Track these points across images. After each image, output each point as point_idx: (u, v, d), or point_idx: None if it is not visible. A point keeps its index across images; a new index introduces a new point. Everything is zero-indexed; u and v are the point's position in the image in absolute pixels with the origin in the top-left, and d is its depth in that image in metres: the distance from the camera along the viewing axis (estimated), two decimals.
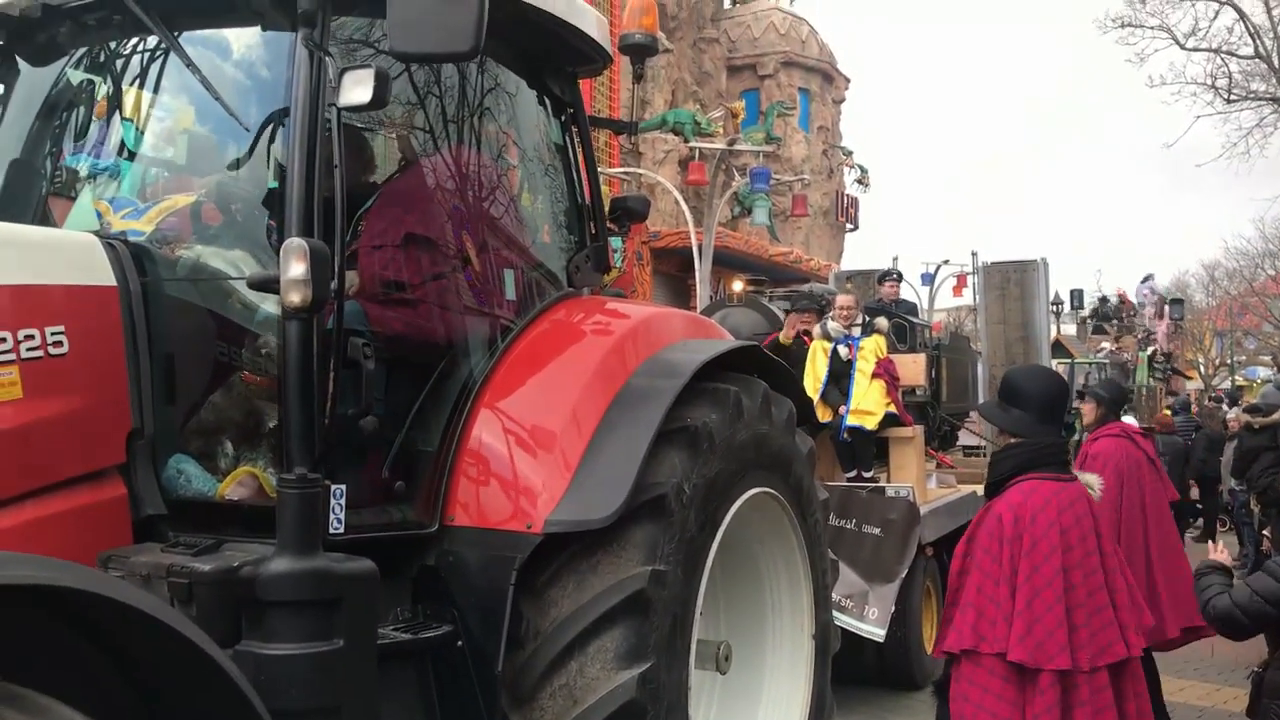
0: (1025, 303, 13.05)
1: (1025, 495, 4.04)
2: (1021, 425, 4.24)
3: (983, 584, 4.00)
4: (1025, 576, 3.91)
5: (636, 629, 3.49)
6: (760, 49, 31.87)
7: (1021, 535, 3.96)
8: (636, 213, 4.89)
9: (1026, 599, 3.88)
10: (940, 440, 10.96)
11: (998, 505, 4.11)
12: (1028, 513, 3.99)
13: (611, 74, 19.10)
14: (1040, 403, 4.27)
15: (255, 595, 2.99)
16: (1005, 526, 3.99)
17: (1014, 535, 3.97)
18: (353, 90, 3.09)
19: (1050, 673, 3.81)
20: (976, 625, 3.97)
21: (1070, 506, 4.03)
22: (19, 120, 4.00)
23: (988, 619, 3.95)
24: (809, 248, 30.84)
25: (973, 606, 4.00)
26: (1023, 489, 4.07)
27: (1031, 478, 4.09)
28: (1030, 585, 3.89)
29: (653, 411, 3.75)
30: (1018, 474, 4.14)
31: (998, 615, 3.92)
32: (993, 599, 3.96)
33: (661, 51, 24.23)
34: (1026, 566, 3.92)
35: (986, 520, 4.11)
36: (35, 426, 3.05)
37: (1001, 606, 3.93)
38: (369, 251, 3.72)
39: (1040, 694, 3.81)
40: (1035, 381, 4.43)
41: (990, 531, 4.05)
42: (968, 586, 4.07)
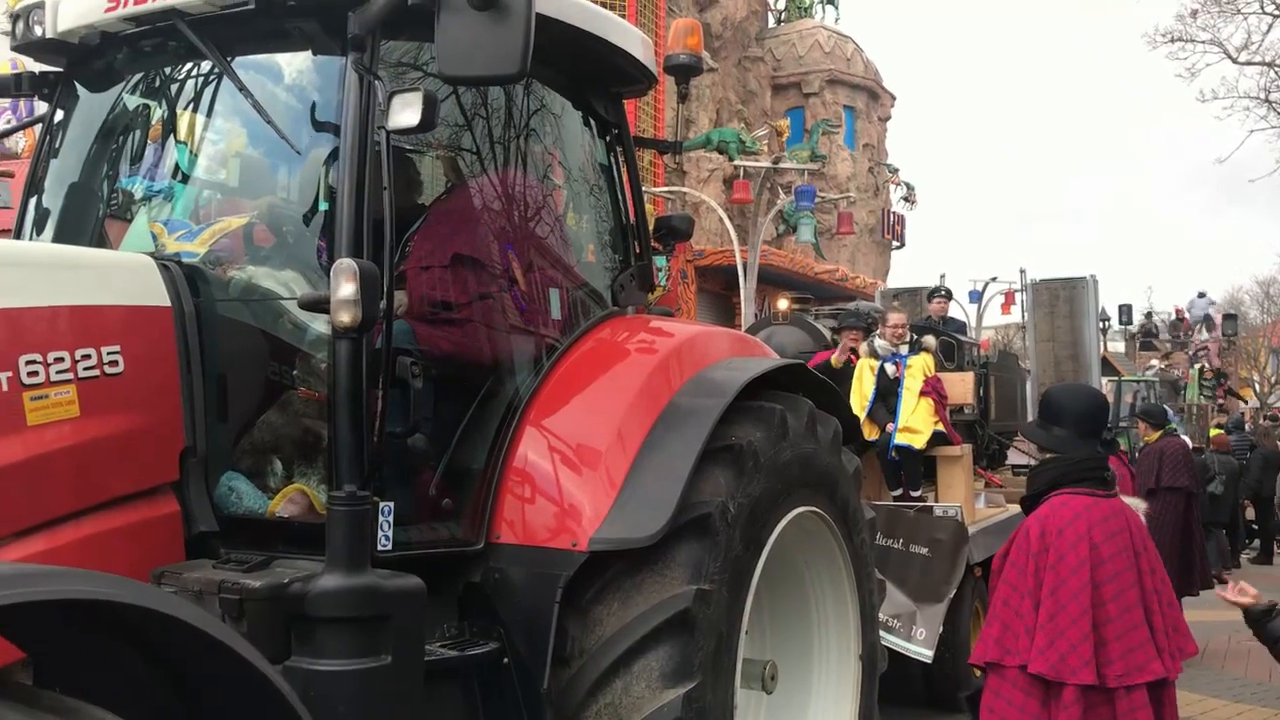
0: (1074, 320, 12.93)
1: (1055, 509, 4.02)
2: (1061, 443, 4.22)
3: (1008, 597, 3.98)
4: (1050, 589, 3.88)
5: (682, 648, 3.49)
6: (805, 67, 31.84)
7: (1048, 549, 3.93)
8: (681, 231, 4.90)
9: (1050, 612, 3.85)
10: (989, 459, 10.84)
11: (1028, 519, 4.09)
12: (1055, 526, 3.96)
13: (656, 94, 19.18)
14: (1078, 420, 4.24)
15: (305, 611, 3.03)
16: (1032, 540, 3.97)
17: (1040, 548, 3.94)
18: (401, 113, 3.13)
19: (1074, 688, 3.76)
20: (1001, 638, 3.95)
21: (1103, 522, 3.99)
22: (78, 144, 4.10)
23: (1011, 631, 3.93)
24: (855, 265, 30.70)
25: (998, 619, 3.99)
26: (1053, 503, 4.05)
27: (1064, 492, 4.07)
28: (1055, 599, 3.86)
29: (697, 430, 3.75)
30: (1052, 489, 4.12)
31: (1021, 628, 3.90)
32: (1017, 611, 3.94)
33: (706, 70, 24.29)
34: (1052, 579, 3.89)
35: (1018, 534, 4.09)
36: (91, 444, 3.11)
37: (1025, 619, 3.90)
38: (417, 272, 3.77)
39: (1064, 709, 3.77)
40: (1075, 399, 4.40)
41: (1018, 545, 4.03)
42: (994, 599, 4.06)
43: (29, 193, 4.14)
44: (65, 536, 3.03)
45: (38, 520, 2.99)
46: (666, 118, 21.54)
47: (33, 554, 2.92)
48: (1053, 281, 13.62)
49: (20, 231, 4.14)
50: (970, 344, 11.34)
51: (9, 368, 2.95)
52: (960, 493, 8.26)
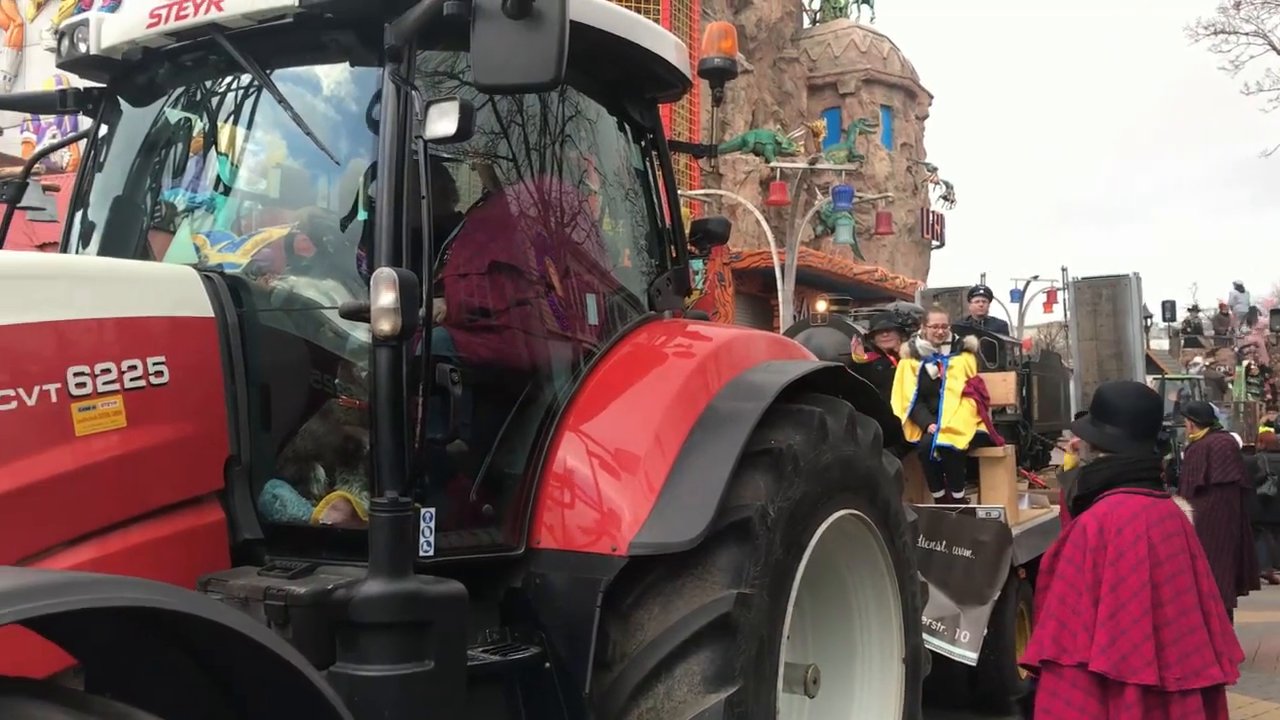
0: (1117, 319, 12.79)
1: (1112, 507, 3.97)
2: (1114, 442, 4.16)
3: (1065, 594, 3.93)
4: (1110, 587, 3.82)
5: (723, 652, 3.48)
6: (841, 67, 31.74)
7: (1106, 545, 3.88)
8: (717, 235, 4.90)
9: (1110, 610, 3.79)
10: (1032, 460, 10.75)
11: (1083, 516, 4.04)
12: (1114, 524, 3.91)
13: (691, 97, 19.19)
14: (1133, 419, 4.19)
15: (349, 617, 3.05)
16: (1090, 536, 3.92)
17: (1098, 545, 3.89)
18: (438, 123, 3.16)
19: (1136, 687, 3.71)
20: (1058, 636, 3.89)
21: (1160, 523, 3.94)
22: (121, 158, 4.16)
23: (1069, 630, 3.87)
24: (894, 265, 30.54)
25: (1054, 617, 3.93)
26: (1110, 501, 4.00)
27: (1120, 491, 4.02)
28: (1115, 596, 3.81)
29: (736, 434, 3.75)
30: (1106, 488, 4.07)
31: (1078, 626, 3.84)
32: (1074, 609, 3.88)
33: (741, 72, 24.27)
34: (1111, 577, 3.83)
35: (1072, 531, 4.04)
36: (138, 454, 3.16)
37: (1082, 616, 3.84)
38: (455, 279, 3.79)
39: (1126, 709, 3.72)
40: (1128, 397, 4.35)
41: (1074, 542, 3.98)
42: (1049, 597, 4.00)
43: (74, 206, 4.22)
44: (113, 545, 3.07)
45: (87, 529, 3.04)
46: (702, 120, 21.55)
47: (82, 562, 2.97)
48: (1095, 280, 13.48)
49: (66, 244, 4.21)
50: (1012, 344, 11.26)
51: (57, 379, 3.01)
52: (1003, 494, 8.19)
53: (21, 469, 2.90)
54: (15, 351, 2.95)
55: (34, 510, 2.91)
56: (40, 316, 3.03)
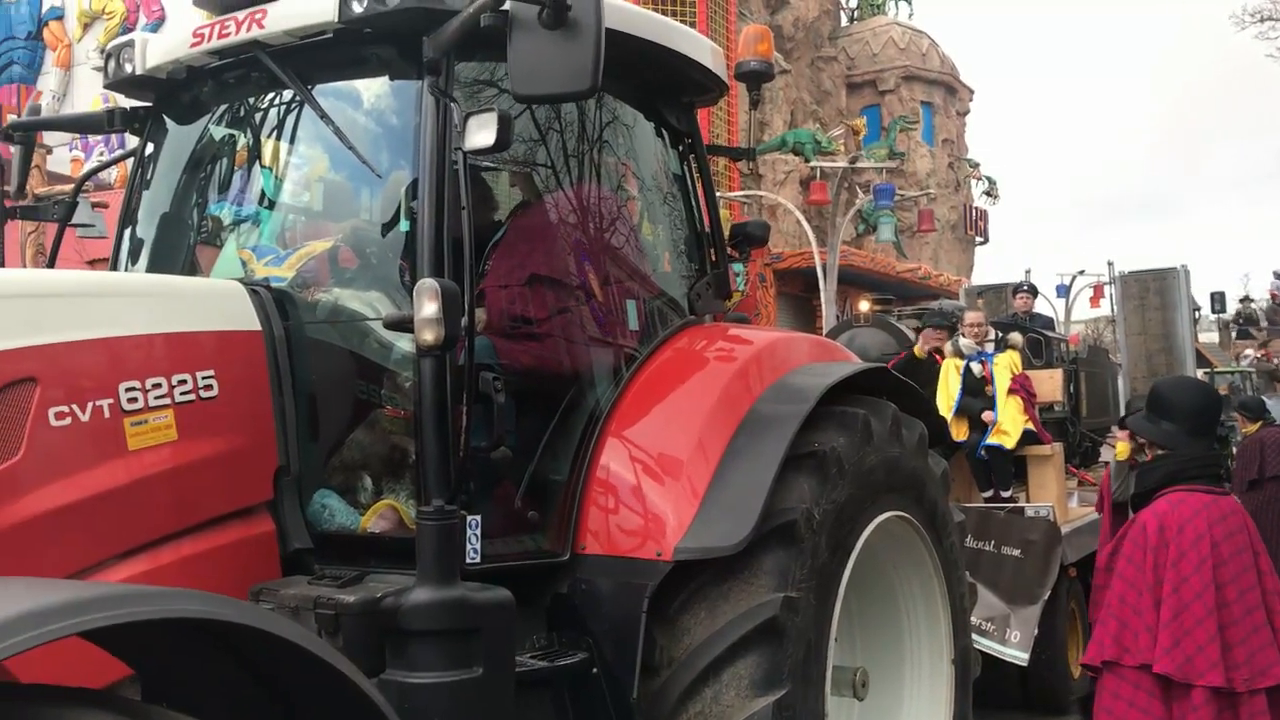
0: (1166, 312, 12.60)
1: (1173, 505, 3.90)
2: (1171, 438, 4.10)
3: (1125, 594, 3.87)
4: (1172, 587, 3.76)
5: (770, 656, 3.48)
6: (880, 64, 31.57)
7: (1168, 544, 3.81)
8: (756, 238, 4.90)
9: (1174, 611, 3.73)
10: (1081, 457, 10.63)
11: (1143, 514, 3.97)
12: (1175, 522, 3.84)
13: (729, 99, 19.19)
14: (1190, 415, 4.12)
15: (398, 625, 3.08)
16: (1150, 535, 3.86)
17: (1159, 544, 3.82)
18: (477, 134, 3.18)
19: (1204, 689, 3.65)
20: (1119, 636, 3.84)
21: (1222, 520, 3.87)
22: (168, 176, 4.23)
23: (1130, 630, 3.82)
24: (937, 263, 30.32)
25: (1115, 617, 3.88)
26: (1170, 499, 3.93)
27: (1180, 489, 3.95)
28: (1178, 597, 3.74)
29: (779, 437, 3.74)
30: (1166, 485, 4.00)
31: (1140, 626, 3.78)
32: (1136, 609, 3.82)
33: (779, 73, 24.23)
34: (1174, 577, 3.77)
35: (1131, 530, 3.98)
36: (190, 467, 3.22)
37: (1144, 617, 3.79)
38: (496, 288, 3.82)
39: (1194, 710, 3.66)
40: (1185, 393, 4.27)
41: (1134, 540, 3.92)
42: (1110, 597, 3.94)
43: (123, 224, 4.29)
44: (166, 557, 3.13)
45: (140, 541, 3.09)
46: (740, 122, 21.51)
47: (136, 574, 3.02)
48: (1142, 273, 13.30)
49: (116, 261, 4.29)
50: (1058, 340, 11.14)
51: (110, 395, 3.06)
52: (1052, 492, 8.12)
53: (76, 484, 2.96)
54: (69, 369, 3.01)
55: (89, 524, 2.97)
56: (92, 334, 3.09)
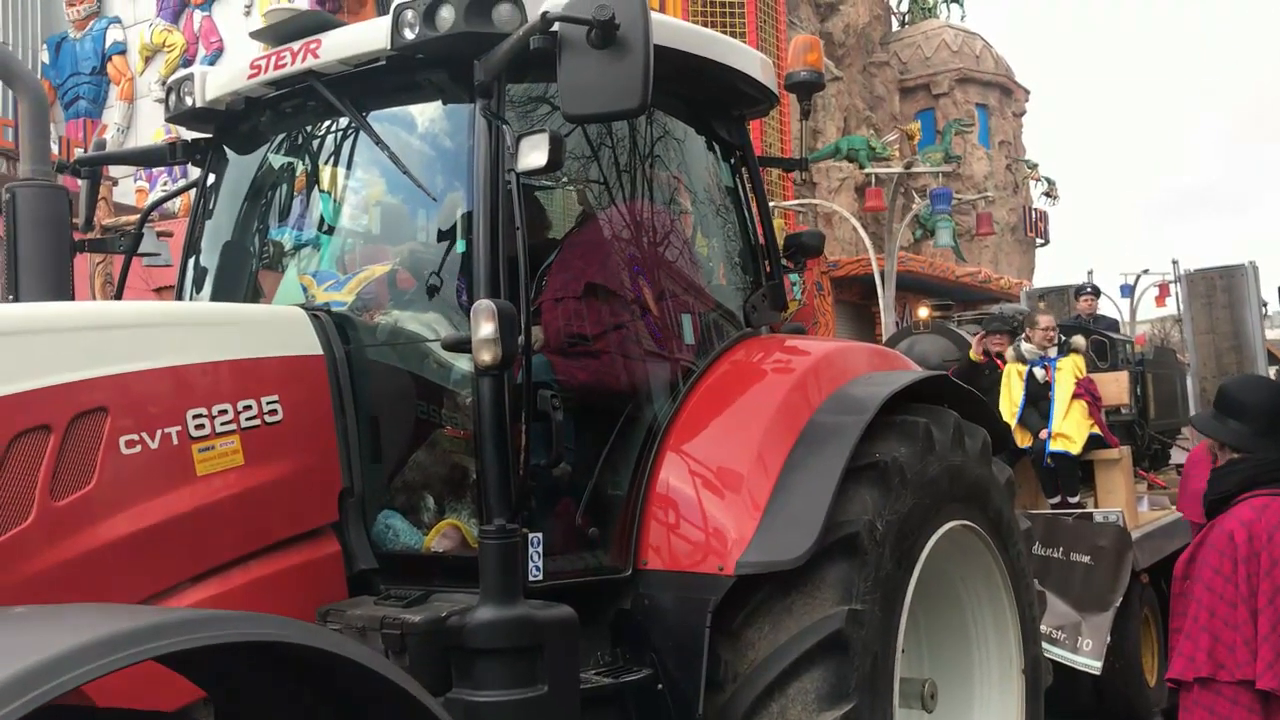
0: (1234, 310, 12.33)
1: (1258, 512, 3.78)
2: (1242, 439, 3.98)
3: (1215, 606, 3.74)
4: (1268, 599, 3.64)
5: (836, 669, 3.45)
6: (933, 68, 31.34)
7: (1259, 554, 3.69)
8: (811, 248, 4.87)
9: (1271, 623, 3.61)
10: (1150, 460, 10.44)
11: (1226, 522, 3.84)
12: (1264, 530, 3.72)
13: (781, 109, 19.16)
14: (1262, 414, 4.00)
15: (463, 644, 3.11)
16: (1239, 545, 3.73)
17: (1249, 554, 3.70)
18: (530, 155, 3.21)
19: None
20: (1213, 651, 3.71)
21: None
22: (229, 204, 4.32)
23: (1224, 644, 3.69)
24: (998, 266, 29.98)
25: (1206, 631, 3.75)
26: (1254, 505, 3.81)
27: (1262, 494, 3.84)
28: (1274, 608, 3.63)
29: (839, 448, 3.72)
30: (1244, 490, 3.89)
31: (1237, 640, 3.67)
32: (1228, 622, 3.70)
33: (831, 80, 24.14)
34: (1268, 588, 3.65)
35: (1214, 538, 3.86)
36: (256, 491, 3.27)
37: (1241, 631, 3.66)
38: (552, 306, 3.84)
39: None
40: (1255, 392, 4.15)
41: (1221, 550, 3.79)
42: (1197, 610, 3.81)
43: (187, 253, 4.39)
44: (235, 580, 3.18)
45: (209, 565, 3.15)
46: (793, 131, 21.44)
47: (206, 598, 3.08)
48: (1209, 271, 13.02)
49: (181, 289, 4.38)
50: (1123, 341, 10.96)
51: (178, 422, 3.13)
52: (1121, 497, 7.98)
53: (147, 510, 3.02)
54: (138, 397, 3.07)
55: (160, 549, 3.03)
56: (159, 363, 3.15)
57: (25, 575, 2.75)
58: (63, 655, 1.80)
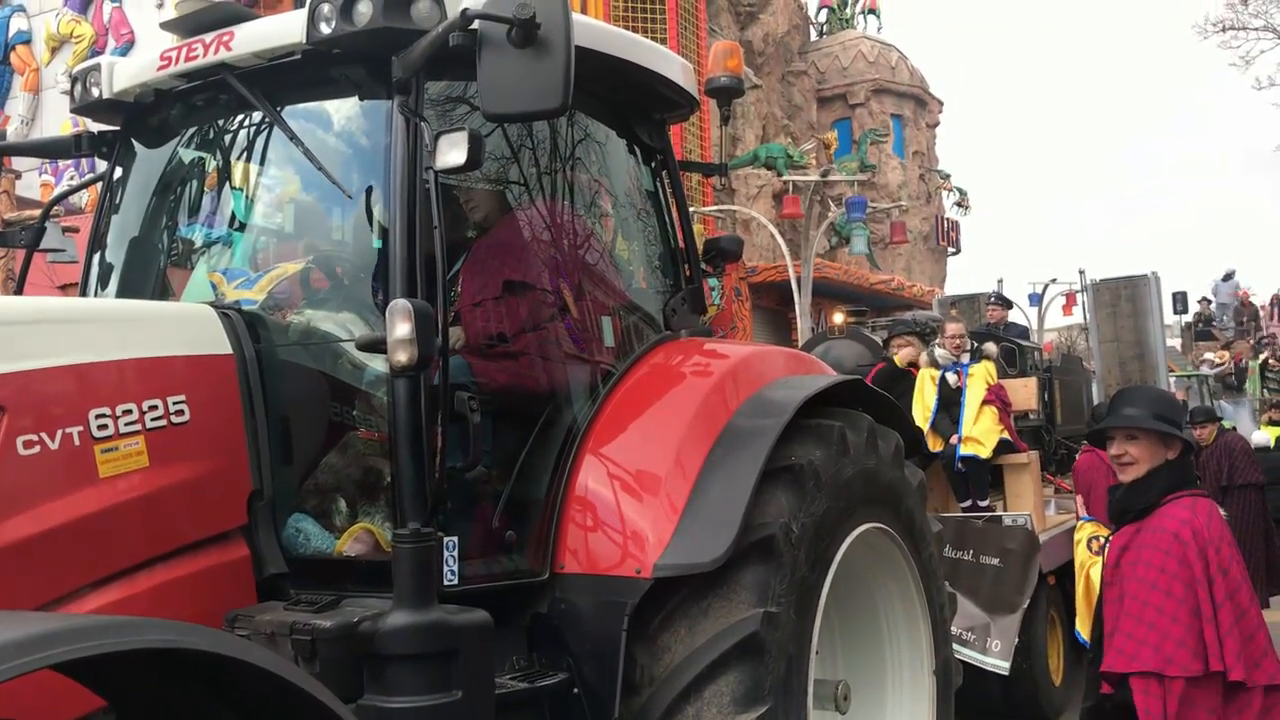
0: (1138, 319, 12.70)
1: (1195, 511, 3.97)
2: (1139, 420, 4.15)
3: (1163, 604, 3.85)
4: (1226, 593, 3.82)
5: (751, 672, 3.47)
6: (850, 78, 31.76)
7: (1205, 549, 3.87)
8: (730, 253, 4.90)
9: (1233, 617, 3.79)
10: (1057, 465, 10.69)
11: (1163, 522, 3.95)
12: (1211, 532, 3.92)
13: (701, 115, 19.26)
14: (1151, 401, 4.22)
15: (375, 649, 3.05)
16: (1187, 541, 3.88)
17: (1199, 549, 3.87)
18: (448, 153, 3.17)
19: (1261, 689, 3.76)
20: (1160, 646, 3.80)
21: (1224, 523, 4.01)
22: (137, 200, 4.20)
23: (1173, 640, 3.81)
24: (910, 274, 30.47)
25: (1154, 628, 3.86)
26: (1184, 504, 3.98)
27: (1187, 494, 4.02)
28: (1234, 603, 3.81)
29: (756, 451, 3.74)
30: (1165, 494, 4.05)
31: (1186, 635, 3.79)
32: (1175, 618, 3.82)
33: (750, 88, 24.33)
34: (1225, 584, 3.84)
35: (1153, 539, 3.97)
36: (162, 493, 3.18)
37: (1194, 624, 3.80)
38: (470, 307, 3.80)
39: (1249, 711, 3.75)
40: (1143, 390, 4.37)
41: (1166, 549, 3.91)
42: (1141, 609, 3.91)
43: (92, 248, 4.25)
44: (140, 585, 3.09)
45: (113, 570, 3.05)
46: (713, 137, 21.58)
47: (108, 603, 2.98)
48: (1113, 281, 13.38)
49: (86, 286, 4.25)
50: (1032, 348, 11.21)
51: (79, 422, 3.03)
52: (1029, 501, 8.16)
53: (47, 512, 2.92)
54: (38, 395, 2.97)
55: (60, 553, 2.93)
56: (61, 360, 3.05)
57: None
58: None
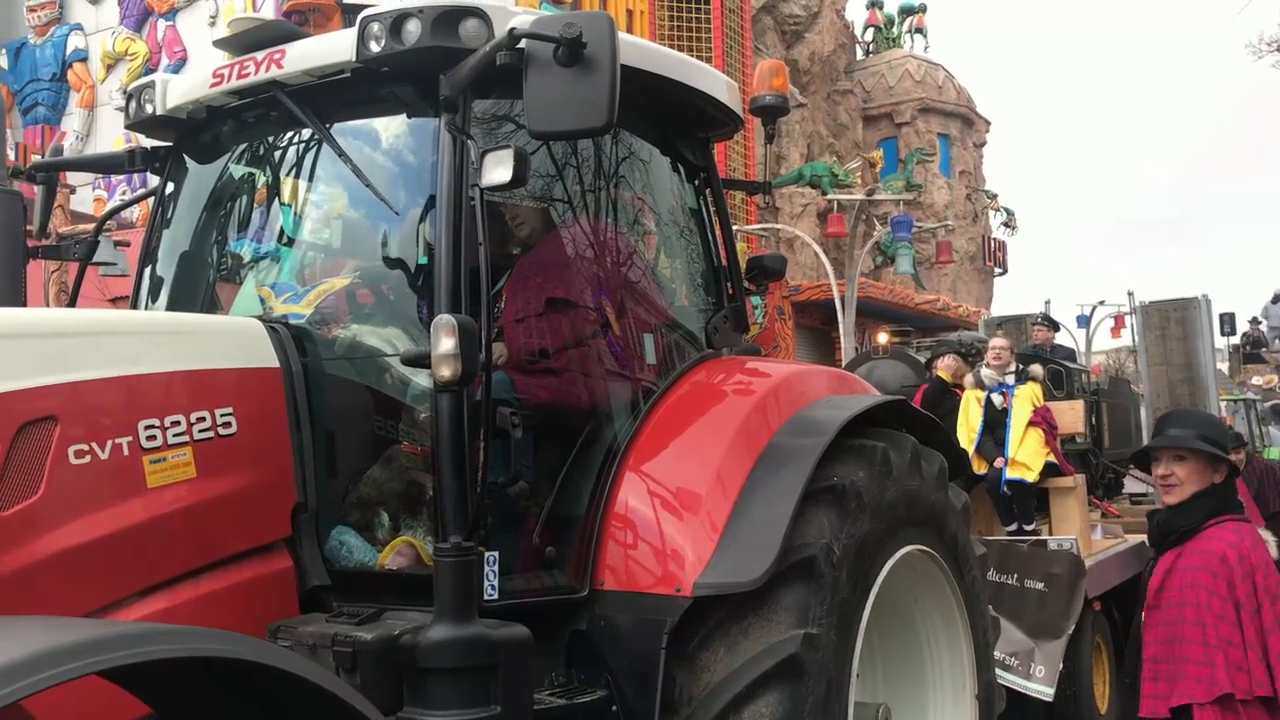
0: (1188, 342, 12.47)
1: (1240, 535, 3.96)
2: (1186, 440, 4.13)
3: (1219, 627, 3.85)
4: (1276, 618, 3.81)
5: (791, 693, 3.44)
6: (896, 97, 31.68)
7: (1252, 575, 3.86)
8: (773, 271, 4.89)
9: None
10: (1105, 489, 10.55)
11: (1209, 545, 3.94)
12: (1256, 556, 3.89)
13: (745, 133, 19.29)
14: (1198, 423, 4.21)
15: (415, 663, 3.07)
16: (1234, 565, 3.85)
17: (1245, 573, 3.84)
18: (494, 171, 3.20)
19: None
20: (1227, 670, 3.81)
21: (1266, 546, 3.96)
22: (188, 214, 4.27)
23: (1234, 663, 3.80)
24: (956, 294, 30.28)
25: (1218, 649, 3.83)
26: (1228, 528, 3.96)
27: (1230, 519, 3.99)
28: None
29: (798, 471, 3.72)
30: (1208, 519, 4.01)
31: (1245, 658, 3.76)
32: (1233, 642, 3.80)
33: (795, 106, 24.34)
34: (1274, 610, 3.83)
35: (1200, 561, 3.95)
36: (208, 504, 3.22)
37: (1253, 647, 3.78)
38: (513, 323, 3.82)
39: None
40: (1190, 413, 4.32)
41: (1213, 572, 3.89)
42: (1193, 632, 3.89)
43: (143, 262, 4.32)
44: (185, 594, 3.13)
45: (159, 579, 3.09)
46: (757, 155, 21.58)
47: (154, 612, 3.02)
48: (1163, 303, 13.18)
49: (136, 299, 4.32)
50: (1079, 370, 11.09)
51: (129, 433, 3.07)
52: (1075, 525, 8.05)
53: (96, 522, 2.96)
54: (88, 407, 3.02)
55: (108, 562, 2.97)
56: (112, 372, 3.10)
57: None
58: (3, 668, 1.75)
